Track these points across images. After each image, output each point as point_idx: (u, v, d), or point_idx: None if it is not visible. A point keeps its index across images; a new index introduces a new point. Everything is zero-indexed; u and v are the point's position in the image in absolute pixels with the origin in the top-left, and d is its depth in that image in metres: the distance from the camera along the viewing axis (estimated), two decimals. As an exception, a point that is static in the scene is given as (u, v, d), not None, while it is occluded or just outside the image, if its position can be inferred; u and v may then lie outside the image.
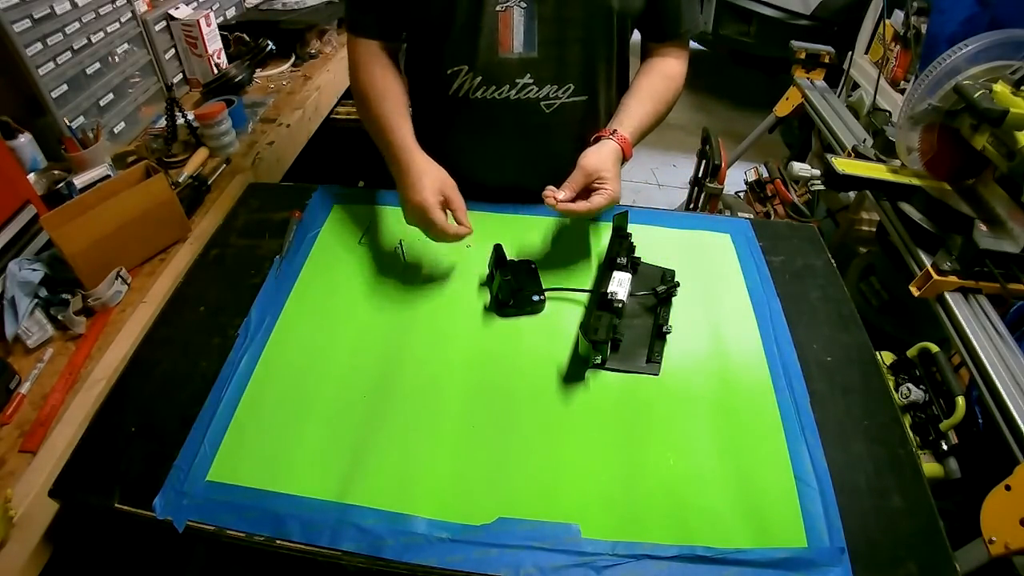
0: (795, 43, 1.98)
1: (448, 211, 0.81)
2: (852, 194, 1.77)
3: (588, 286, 0.86)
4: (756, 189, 2.09)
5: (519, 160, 0.96)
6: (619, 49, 0.93)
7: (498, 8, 0.84)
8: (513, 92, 0.89)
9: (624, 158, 0.85)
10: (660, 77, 0.94)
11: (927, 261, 1.15)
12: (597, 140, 0.85)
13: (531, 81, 0.89)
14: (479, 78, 0.88)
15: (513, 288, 0.81)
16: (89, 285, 0.86)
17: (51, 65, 1.09)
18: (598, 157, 0.81)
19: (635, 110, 0.89)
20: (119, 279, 0.88)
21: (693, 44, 0.95)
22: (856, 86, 2.09)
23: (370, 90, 0.90)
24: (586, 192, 0.81)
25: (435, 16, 0.86)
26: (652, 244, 0.92)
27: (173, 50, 1.42)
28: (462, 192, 0.83)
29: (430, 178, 0.81)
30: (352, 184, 1.08)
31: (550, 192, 0.79)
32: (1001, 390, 0.93)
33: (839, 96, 2.01)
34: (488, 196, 0.96)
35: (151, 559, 0.97)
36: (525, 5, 0.83)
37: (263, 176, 1.22)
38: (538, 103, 0.90)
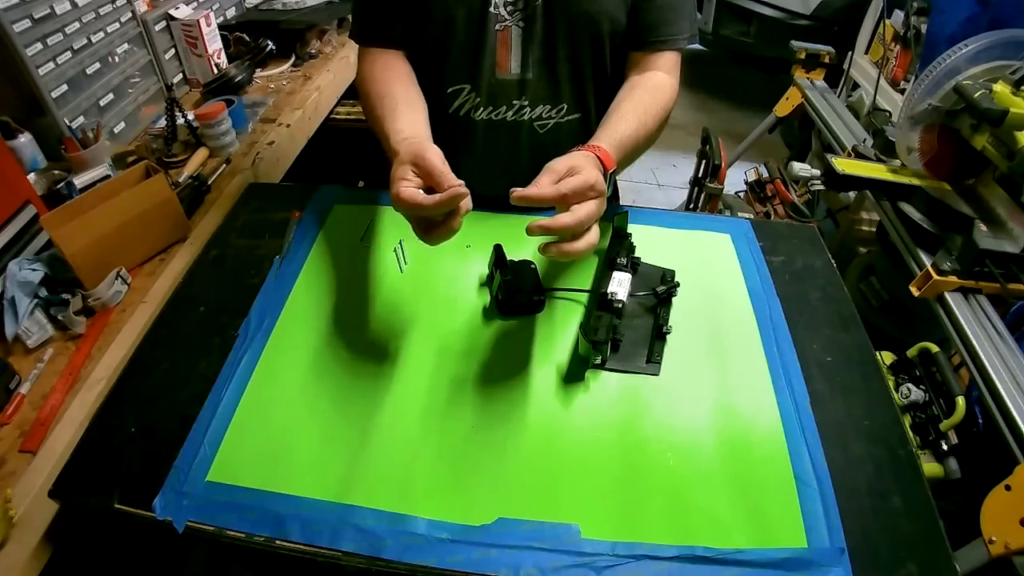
0: (795, 43, 1.99)
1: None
2: (852, 194, 1.77)
3: (588, 286, 0.86)
4: (756, 189, 2.10)
5: (516, 178, 0.96)
6: (614, 67, 0.90)
7: (497, 27, 0.83)
8: (510, 113, 0.89)
9: (605, 171, 0.69)
10: (644, 90, 0.83)
11: (927, 261, 1.15)
12: None
13: (526, 103, 0.89)
14: (480, 98, 0.88)
15: (513, 288, 0.81)
16: (89, 285, 0.86)
17: (51, 65, 1.09)
18: (567, 157, 0.67)
19: (617, 124, 0.76)
20: (119, 279, 0.88)
21: (693, 44, 0.89)
22: (856, 86, 2.09)
23: (374, 94, 0.83)
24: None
25: (436, 33, 0.85)
26: (652, 244, 0.92)
27: (173, 50, 1.42)
28: None
29: (398, 159, 0.67)
30: (352, 184, 1.08)
31: (515, 190, 0.61)
32: (1001, 390, 0.93)
33: (839, 96, 2.01)
34: (487, 205, 0.96)
35: (151, 559, 0.97)
36: (523, 25, 0.83)
37: (263, 176, 1.22)
38: (531, 124, 0.90)
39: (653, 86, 0.84)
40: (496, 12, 0.82)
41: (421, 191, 0.63)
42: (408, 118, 0.76)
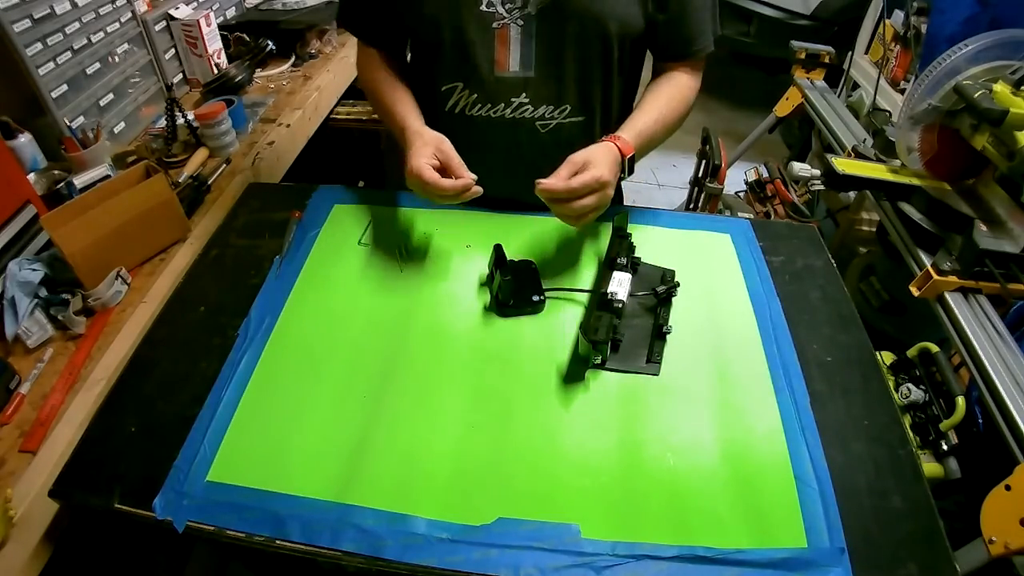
0: (795, 43, 1.98)
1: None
2: (852, 194, 1.77)
3: (588, 286, 0.86)
4: (756, 189, 2.10)
5: (516, 177, 0.96)
6: (621, 71, 0.91)
7: (495, 26, 0.83)
8: (509, 111, 0.89)
9: (623, 157, 0.80)
10: (667, 85, 0.92)
11: (927, 261, 1.15)
12: None
13: (527, 100, 0.89)
14: (475, 95, 0.89)
15: (513, 288, 0.81)
16: (89, 285, 0.86)
17: (51, 65, 1.09)
18: (587, 151, 0.77)
19: (637, 117, 0.86)
20: (119, 279, 0.88)
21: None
22: (856, 86, 2.09)
23: (377, 83, 0.95)
24: None
25: (423, 33, 0.86)
26: (652, 244, 0.92)
27: (173, 50, 1.42)
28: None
29: (422, 141, 0.80)
30: (352, 184, 1.08)
31: (539, 181, 0.75)
32: (1001, 390, 0.93)
33: (839, 96, 2.01)
34: (487, 205, 0.96)
35: (151, 559, 0.97)
36: (522, 23, 0.83)
37: (263, 176, 1.22)
38: (533, 123, 0.90)
39: (674, 78, 0.93)
40: (492, 10, 0.82)
41: (438, 173, 0.76)
42: (419, 118, 0.88)
